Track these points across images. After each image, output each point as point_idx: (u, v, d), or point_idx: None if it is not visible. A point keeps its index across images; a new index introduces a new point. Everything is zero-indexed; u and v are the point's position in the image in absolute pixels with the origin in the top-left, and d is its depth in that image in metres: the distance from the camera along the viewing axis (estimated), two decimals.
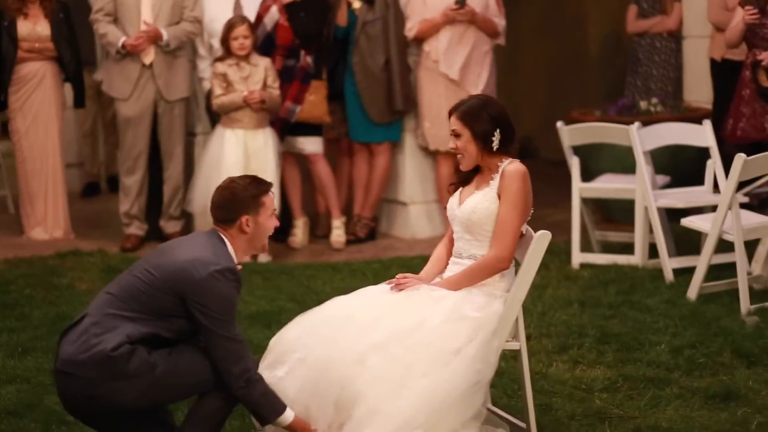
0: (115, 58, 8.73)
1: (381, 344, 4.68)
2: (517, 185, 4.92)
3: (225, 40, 8.41)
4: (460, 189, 5.12)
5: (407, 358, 4.66)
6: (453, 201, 5.11)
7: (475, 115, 4.97)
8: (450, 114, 5.06)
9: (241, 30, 8.36)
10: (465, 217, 4.99)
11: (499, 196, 4.94)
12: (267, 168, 8.43)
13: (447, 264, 5.10)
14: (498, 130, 4.94)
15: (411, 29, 8.78)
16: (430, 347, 4.70)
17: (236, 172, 8.29)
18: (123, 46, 8.63)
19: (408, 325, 4.75)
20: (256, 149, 8.45)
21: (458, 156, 5.05)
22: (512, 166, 4.96)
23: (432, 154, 9.03)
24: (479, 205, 4.96)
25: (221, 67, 8.44)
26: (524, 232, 5.05)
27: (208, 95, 8.83)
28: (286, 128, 8.74)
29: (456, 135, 5.01)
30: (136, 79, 8.73)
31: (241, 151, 8.42)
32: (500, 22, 8.83)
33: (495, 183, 4.96)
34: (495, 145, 4.95)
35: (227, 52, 8.42)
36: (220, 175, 8.34)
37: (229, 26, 8.39)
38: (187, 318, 4.62)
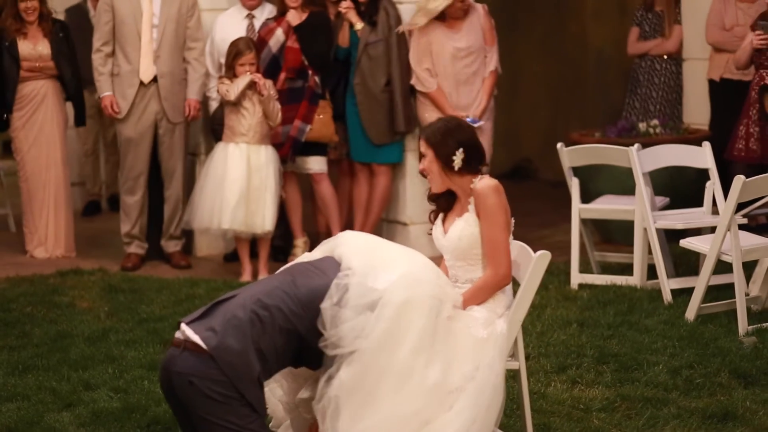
0: (115, 77, 8.77)
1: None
2: (491, 201, 4.94)
3: (231, 66, 8.42)
4: (442, 217, 5.15)
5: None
6: (437, 231, 5.13)
7: (438, 135, 5.01)
8: (420, 137, 5.12)
9: (249, 58, 8.32)
10: (453, 246, 5.02)
11: (479, 216, 4.97)
12: (268, 185, 8.43)
13: None
14: (461, 149, 4.97)
15: (416, 83, 8.76)
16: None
17: (239, 187, 8.38)
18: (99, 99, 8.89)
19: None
20: (259, 165, 8.44)
21: (428, 178, 5.09)
22: (482, 183, 4.98)
23: None
24: (464, 231, 4.98)
25: (226, 83, 8.44)
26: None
27: (214, 114, 8.86)
28: (297, 148, 8.75)
29: (423, 156, 5.06)
30: (133, 98, 8.75)
31: (244, 165, 8.40)
32: (492, 57, 8.78)
33: (473, 206, 4.99)
34: (457, 164, 4.97)
35: (233, 75, 8.42)
36: (224, 190, 8.37)
37: (237, 53, 8.34)
38: None
